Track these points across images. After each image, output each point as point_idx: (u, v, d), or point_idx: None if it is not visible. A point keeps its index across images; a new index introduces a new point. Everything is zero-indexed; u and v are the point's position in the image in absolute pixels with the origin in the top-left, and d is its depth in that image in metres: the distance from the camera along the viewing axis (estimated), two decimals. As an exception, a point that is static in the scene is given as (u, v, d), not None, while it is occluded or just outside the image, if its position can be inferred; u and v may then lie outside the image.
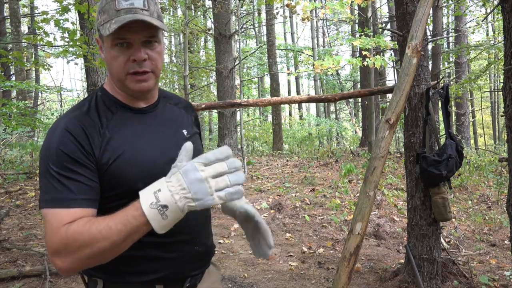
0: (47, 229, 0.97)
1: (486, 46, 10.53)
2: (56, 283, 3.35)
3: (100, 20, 1.07)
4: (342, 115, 24.13)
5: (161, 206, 0.87)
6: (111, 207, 1.01)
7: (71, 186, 0.98)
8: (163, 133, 1.15)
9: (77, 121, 1.05)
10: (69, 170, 0.99)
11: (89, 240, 0.91)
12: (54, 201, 0.97)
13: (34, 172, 7.56)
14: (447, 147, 2.84)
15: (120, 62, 1.06)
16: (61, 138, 1.01)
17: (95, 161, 1.02)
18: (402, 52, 3.13)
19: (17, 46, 11.01)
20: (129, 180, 1.04)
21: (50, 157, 1.00)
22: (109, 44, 1.06)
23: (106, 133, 1.05)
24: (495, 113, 19.53)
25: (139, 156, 1.06)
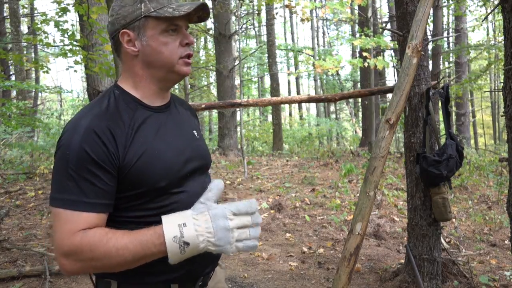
0: (59, 229, 0.97)
1: (486, 46, 10.53)
2: (56, 283, 3.35)
3: (145, 9, 1.06)
4: (342, 115, 24.14)
5: (184, 243, 0.92)
6: (131, 206, 1.04)
7: (88, 190, 0.97)
8: (178, 132, 1.16)
9: (102, 120, 1.02)
10: (89, 172, 0.97)
11: (104, 255, 0.94)
12: (69, 202, 0.97)
13: (34, 172, 7.56)
14: (447, 147, 2.84)
15: (173, 47, 1.08)
16: (85, 137, 0.98)
17: (118, 162, 1.01)
18: (403, 52, 3.13)
19: (17, 46, 11.01)
20: (151, 179, 1.03)
21: (71, 155, 0.98)
22: (158, 31, 1.07)
23: (130, 132, 1.04)
24: (495, 113, 19.53)
25: (160, 155, 1.06)
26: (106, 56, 5.67)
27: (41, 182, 7.09)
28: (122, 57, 1.13)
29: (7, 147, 9.82)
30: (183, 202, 1.08)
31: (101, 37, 5.16)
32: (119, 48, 1.12)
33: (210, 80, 18.61)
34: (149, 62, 1.10)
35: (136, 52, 1.09)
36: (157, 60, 1.09)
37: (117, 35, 1.10)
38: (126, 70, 1.14)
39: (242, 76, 15.97)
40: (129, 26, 1.08)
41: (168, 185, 1.06)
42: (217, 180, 1.03)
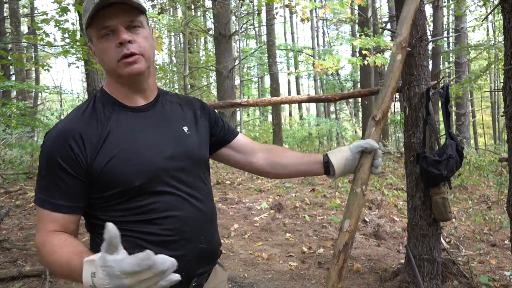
0: (38, 223, 1.07)
1: (486, 46, 10.53)
2: (56, 283, 3.35)
3: (85, 22, 1.08)
4: (342, 115, 24.13)
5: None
6: (108, 206, 1.06)
7: (55, 191, 1.03)
8: (162, 130, 1.13)
9: (75, 123, 1.06)
10: (56, 175, 1.03)
11: (47, 263, 1.01)
12: (40, 200, 1.05)
13: (34, 172, 7.56)
14: (447, 147, 2.84)
15: (110, 51, 1.06)
16: (54, 142, 1.04)
17: (86, 165, 1.03)
18: (402, 52, 3.13)
19: (17, 46, 11.01)
20: (124, 179, 1.03)
21: (43, 158, 1.05)
22: (96, 38, 1.08)
23: (103, 134, 1.05)
24: (495, 113, 19.53)
25: (134, 154, 1.05)
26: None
27: (41, 182, 7.09)
28: None
29: (7, 147, 9.81)
30: (165, 203, 1.07)
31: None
32: None
33: (210, 80, 18.61)
34: (104, 68, 1.13)
35: (98, 60, 1.13)
36: (105, 66, 1.11)
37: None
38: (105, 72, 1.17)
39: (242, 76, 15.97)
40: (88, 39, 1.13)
41: (144, 184, 1.04)
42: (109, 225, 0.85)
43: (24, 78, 12.31)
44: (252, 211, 5.57)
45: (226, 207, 5.76)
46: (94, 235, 1.11)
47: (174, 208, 1.09)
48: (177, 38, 20.57)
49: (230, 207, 5.80)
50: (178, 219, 1.09)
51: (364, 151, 1.25)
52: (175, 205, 1.09)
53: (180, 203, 1.10)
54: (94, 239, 1.12)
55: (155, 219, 1.06)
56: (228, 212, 5.54)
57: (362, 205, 1.23)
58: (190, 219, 1.11)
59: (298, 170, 1.33)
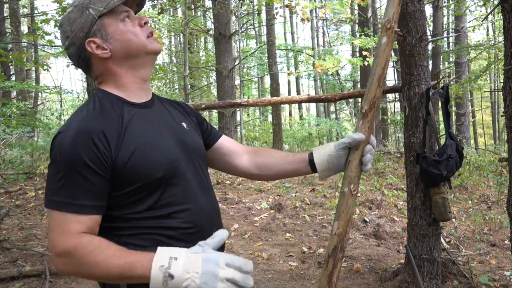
0: (53, 229, 0.99)
1: (486, 46, 10.53)
2: (56, 283, 3.35)
3: (93, 11, 1.10)
4: (342, 115, 24.13)
5: (169, 274, 0.92)
6: (129, 202, 1.05)
7: (79, 192, 0.99)
8: (168, 126, 1.17)
9: (93, 120, 1.04)
10: (80, 175, 0.99)
11: (94, 264, 0.96)
12: (61, 204, 0.99)
13: (34, 172, 7.56)
14: (447, 147, 2.84)
15: (136, 30, 1.13)
16: (77, 139, 1.00)
17: (111, 162, 1.02)
18: (403, 52, 3.14)
19: (17, 46, 11.01)
20: (148, 171, 1.04)
21: (62, 158, 0.99)
22: (117, 24, 1.11)
23: (120, 129, 1.05)
24: (495, 113, 19.53)
25: (152, 148, 1.07)
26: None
27: (41, 182, 7.09)
28: (96, 67, 1.14)
29: (7, 147, 9.81)
30: (183, 193, 1.10)
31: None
32: (89, 61, 1.13)
33: (210, 80, 18.61)
34: (124, 55, 1.12)
35: (109, 53, 1.11)
36: (131, 48, 1.12)
37: (83, 51, 1.11)
38: (105, 76, 1.15)
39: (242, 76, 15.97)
40: (89, 34, 1.10)
41: (163, 177, 1.06)
42: (223, 230, 1.05)
43: (24, 78, 12.31)
44: (252, 211, 5.57)
45: (226, 207, 5.76)
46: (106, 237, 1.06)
47: (189, 201, 1.11)
48: (177, 38, 20.57)
49: (230, 207, 5.80)
50: (193, 212, 1.11)
51: (351, 147, 1.21)
52: (190, 198, 1.11)
53: (193, 196, 1.12)
54: None
55: (173, 213, 1.08)
56: (228, 212, 5.54)
57: (352, 205, 1.16)
58: (204, 211, 1.13)
59: (285, 170, 1.31)
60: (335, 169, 1.24)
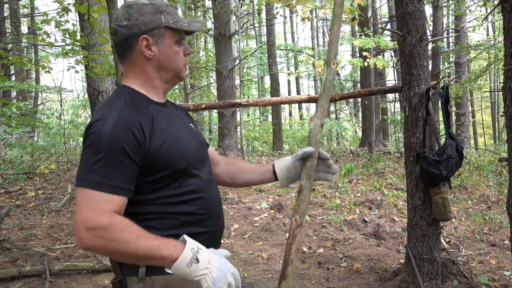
0: (85, 205, 1.06)
1: (486, 46, 10.53)
2: (56, 283, 3.35)
3: (164, 20, 1.23)
4: (342, 115, 24.13)
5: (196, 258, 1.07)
6: (156, 188, 1.17)
7: (113, 174, 1.08)
8: (183, 124, 1.33)
9: (131, 112, 1.15)
10: (117, 160, 1.09)
11: (125, 240, 1.05)
12: (95, 183, 1.07)
13: (34, 172, 7.56)
14: (447, 147, 2.84)
15: (181, 56, 1.28)
16: (116, 130, 1.10)
17: (145, 151, 1.13)
18: (403, 52, 3.14)
19: (17, 46, 11.01)
20: (174, 161, 1.18)
21: (102, 142, 1.08)
22: (173, 41, 1.25)
23: (151, 122, 1.17)
24: (495, 113, 19.52)
25: (177, 141, 1.21)
26: (106, 56, 5.67)
27: (41, 182, 7.09)
28: (133, 59, 1.24)
29: (7, 147, 9.81)
30: (199, 185, 1.25)
31: (101, 37, 5.16)
32: (130, 50, 1.23)
33: (210, 80, 18.61)
34: (162, 66, 1.25)
35: (152, 56, 1.23)
36: (169, 65, 1.26)
37: (134, 39, 1.21)
38: (136, 71, 1.26)
39: (242, 76, 15.96)
40: (150, 32, 1.22)
41: (187, 167, 1.21)
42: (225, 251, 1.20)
43: (24, 78, 12.31)
44: (252, 211, 5.57)
45: (226, 207, 5.77)
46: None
47: (204, 190, 1.26)
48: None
49: (230, 207, 5.80)
50: (207, 200, 1.26)
51: (305, 158, 1.39)
52: (205, 187, 1.27)
53: (206, 186, 1.28)
54: None
55: (192, 200, 1.22)
56: (228, 212, 5.54)
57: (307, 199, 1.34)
58: (214, 199, 1.30)
59: (254, 179, 1.50)
60: (294, 178, 1.43)
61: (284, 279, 1.26)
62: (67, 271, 3.51)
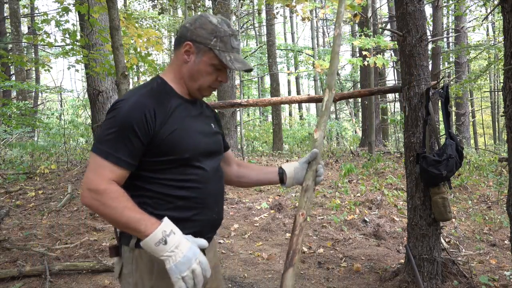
0: (92, 169, 1.25)
1: (486, 46, 10.53)
2: (56, 283, 3.35)
3: (214, 43, 1.36)
4: (342, 115, 24.13)
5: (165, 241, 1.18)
6: (161, 168, 1.31)
7: (120, 148, 1.24)
8: (202, 121, 1.45)
9: (149, 98, 1.31)
10: (126, 137, 1.25)
11: (113, 207, 1.20)
12: (104, 152, 1.24)
13: (34, 172, 7.56)
14: (447, 147, 2.84)
15: (211, 78, 1.40)
16: (132, 109, 1.26)
17: (153, 133, 1.27)
18: (402, 52, 3.14)
19: (17, 46, 11.01)
20: (179, 150, 1.31)
21: (117, 120, 1.26)
22: (209, 63, 1.37)
23: (167, 112, 1.32)
24: (495, 113, 19.51)
25: (187, 133, 1.34)
26: (106, 56, 5.67)
27: (41, 182, 7.09)
28: (177, 55, 1.41)
29: (7, 147, 9.82)
30: (200, 176, 1.36)
31: (102, 37, 5.16)
32: (178, 48, 1.40)
33: (210, 80, 18.54)
34: (191, 74, 1.40)
35: (187, 61, 1.38)
36: (196, 78, 1.39)
37: (183, 40, 1.38)
38: (173, 66, 1.42)
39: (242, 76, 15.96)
40: (195, 42, 1.36)
41: (190, 158, 1.33)
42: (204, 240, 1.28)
43: (24, 78, 12.31)
44: (252, 211, 5.57)
45: (226, 207, 5.77)
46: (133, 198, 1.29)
47: (205, 181, 1.38)
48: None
49: (230, 207, 5.80)
50: (204, 190, 1.37)
51: (311, 160, 1.58)
52: (206, 179, 1.38)
53: (208, 179, 1.39)
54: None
55: (189, 188, 1.34)
56: (228, 212, 5.54)
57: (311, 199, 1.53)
58: (212, 192, 1.41)
59: (259, 180, 1.67)
60: (299, 178, 1.60)
61: (292, 267, 1.37)
62: (67, 271, 3.51)
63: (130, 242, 1.32)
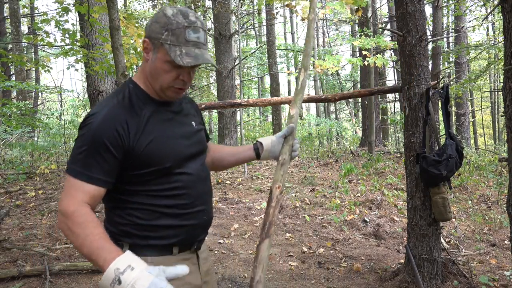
0: (65, 190, 1.19)
1: (486, 46, 10.53)
2: (56, 283, 3.35)
3: (165, 37, 1.24)
4: (342, 115, 24.12)
5: (118, 280, 1.05)
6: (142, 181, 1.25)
7: (93, 166, 1.18)
8: (181, 123, 1.37)
9: (119, 110, 1.23)
10: (99, 154, 1.18)
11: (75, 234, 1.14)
12: (76, 172, 1.18)
13: (34, 172, 7.56)
14: (447, 147, 2.84)
15: (170, 76, 1.27)
16: (103, 124, 1.19)
17: (128, 146, 1.21)
18: (402, 52, 3.14)
19: (17, 46, 11.01)
20: (160, 161, 1.25)
21: (88, 136, 1.19)
22: (164, 59, 1.25)
23: (141, 121, 1.25)
24: (495, 113, 19.51)
25: (166, 141, 1.28)
26: (106, 55, 5.67)
27: (41, 182, 7.09)
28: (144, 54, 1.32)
29: (8, 147, 9.81)
30: (186, 181, 1.31)
31: (101, 36, 5.16)
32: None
33: (210, 80, 18.61)
34: (150, 73, 1.30)
35: (147, 59, 1.30)
36: (154, 77, 1.29)
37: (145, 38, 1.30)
38: (142, 66, 1.33)
39: (242, 76, 15.96)
40: (151, 39, 1.27)
41: (173, 166, 1.27)
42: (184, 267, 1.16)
43: (24, 78, 12.31)
44: (252, 211, 5.57)
45: (226, 207, 5.76)
46: (115, 209, 1.28)
47: (190, 186, 1.32)
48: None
49: (230, 207, 5.80)
50: (191, 195, 1.32)
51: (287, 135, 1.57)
52: (191, 184, 1.33)
53: (193, 182, 1.33)
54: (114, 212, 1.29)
55: (174, 195, 1.29)
56: (228, 212, 5.54)
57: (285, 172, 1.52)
58: (200, 195, 1.35)
59: (237, 160, 1.63)
60: (275, 152, 1.57)
61: (268, 238, 1.35)
62: (67, 271, 3.51)
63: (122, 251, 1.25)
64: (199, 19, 1.27)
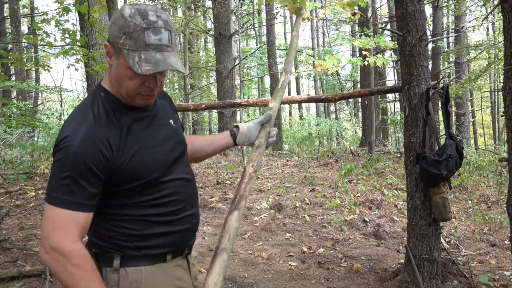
0: (52, 223, 1.08)
1: (486, 46, 10.53)
2: (56, 283, 3.35)
3: (122, 41, 1.11)
4: (342, 115, 24.13)
5: None
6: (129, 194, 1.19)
7: (78, 192, 1.09)
8: (161, 126, 1.29)
9: (98, 127, 1.13)
10: (82, 177, 1.09)
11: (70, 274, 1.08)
12: (60, 201, 1.08)
13: (34, 172, 7.56)
14: (447, 147, 2.84)
15: (134, 83, 1.15)
16: (82, 146, 1.09)
17: (112, 165, 1.13)
18: (402, 52, 3.14)
19: (17, 46, 11.01)
20: (146, 173, 1.19)
21: (68, 160, 1.08)
22: (124, 65, 1.13)
23: (122, 135, 1.16)
24: (495, 113, 19.52)
25: (148, 152, 1.21)
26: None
27: (42, 182, 7.09)
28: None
29: (8, 147, 9.81)
30: (174, 187, 1.26)
31: (101, 36, 5.17)
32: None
33: (210, 80, 18.61)
34: (115, 79, 1.19)
35: (111, 64, 1.19)
36: (119, 84, 1.18)
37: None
38: (108, 72, 1.23)
39: (242, 76, 15.97)
40: (111, 43, 1.15)
41: (160, 175, 1.22)
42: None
43: (24, 78, 12.30)
44: (252, 211, 5.57)
45: (226, 207, 5.76)
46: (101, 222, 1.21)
47: (179, 192, 1.28)
48: (177, 38, 20.51)
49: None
50: (181, 201, 1.28)
51: (264, 122, 1.60)
52: (180, 189, 1.28)
53: (181, 186, 1.29)
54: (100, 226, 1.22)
55: (165, 203, 1.24)
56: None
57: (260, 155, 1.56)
58: (188, 198, 1.31)
59: (214, 150, 1.60)
60: (251, 137, 1.57)
61: (237, 210, 1.33)
62: (67, 271, 3.51)
63: (113, 263, 1.20)
64: (162, 18, 1.12)
